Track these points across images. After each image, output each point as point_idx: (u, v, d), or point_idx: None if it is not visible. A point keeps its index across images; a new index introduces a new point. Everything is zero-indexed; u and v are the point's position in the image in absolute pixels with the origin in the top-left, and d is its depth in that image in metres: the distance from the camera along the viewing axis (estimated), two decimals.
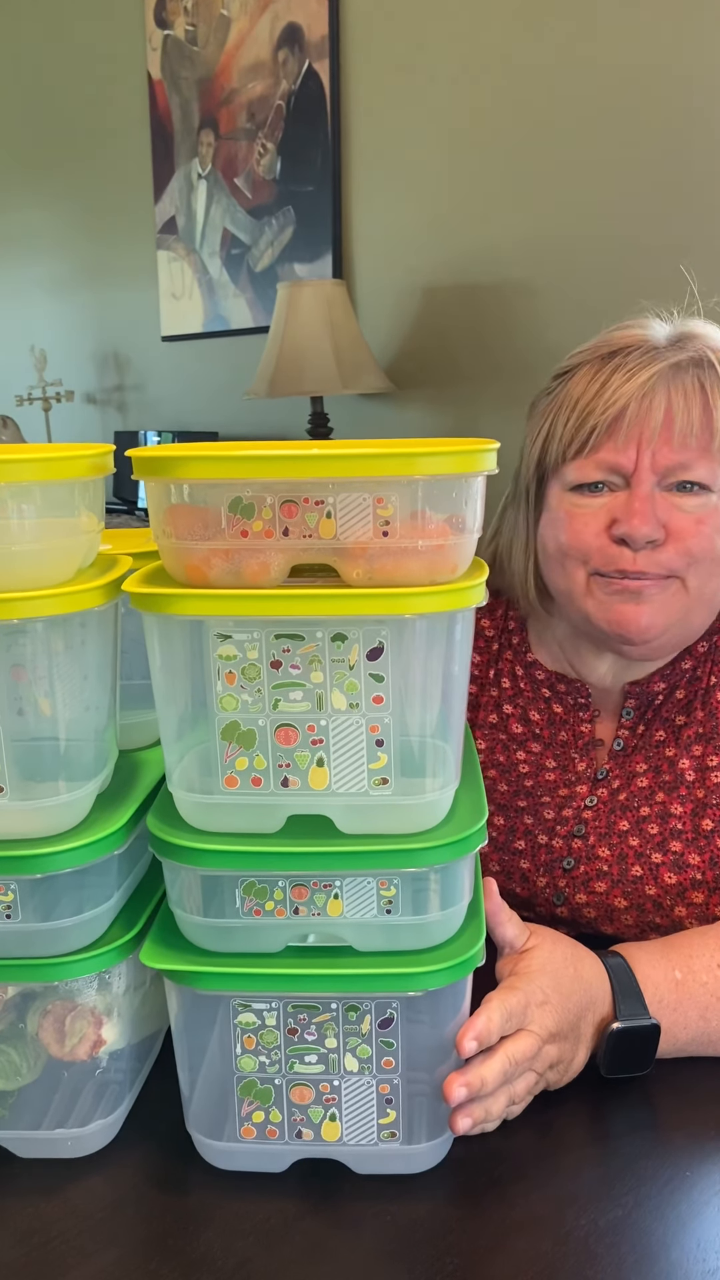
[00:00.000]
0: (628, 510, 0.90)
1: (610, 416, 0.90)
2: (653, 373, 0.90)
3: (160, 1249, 0.64)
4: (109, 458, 0.69)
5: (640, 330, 0.95)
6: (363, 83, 2.68)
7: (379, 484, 0.60)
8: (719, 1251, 0.63)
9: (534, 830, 1.01)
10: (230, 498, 0.61)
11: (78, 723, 0.70)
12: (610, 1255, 0.63)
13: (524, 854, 1.01)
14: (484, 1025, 0.68)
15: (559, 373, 0.98)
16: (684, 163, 2.12)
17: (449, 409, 2.65)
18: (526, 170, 2.38)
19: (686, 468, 0.90)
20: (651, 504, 0.89)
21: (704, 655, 1.00)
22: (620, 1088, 0.77)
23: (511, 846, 1.02)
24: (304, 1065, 0.69)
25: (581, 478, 0.93)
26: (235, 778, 0.66)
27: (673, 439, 0.89)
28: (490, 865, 1.02)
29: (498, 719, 1.06)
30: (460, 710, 0.69)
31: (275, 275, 2.98)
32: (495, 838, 1.02)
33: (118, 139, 3.39)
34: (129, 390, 3.58)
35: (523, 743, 1.04)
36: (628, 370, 0.91)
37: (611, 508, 0.92)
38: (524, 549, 1.01)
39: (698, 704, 0.99)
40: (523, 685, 1.06)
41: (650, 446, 0.90)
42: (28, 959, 0.69)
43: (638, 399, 0.90)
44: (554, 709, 1.04)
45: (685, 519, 0.90)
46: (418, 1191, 0.69)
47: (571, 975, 0.76)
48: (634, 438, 0.90)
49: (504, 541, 1.04)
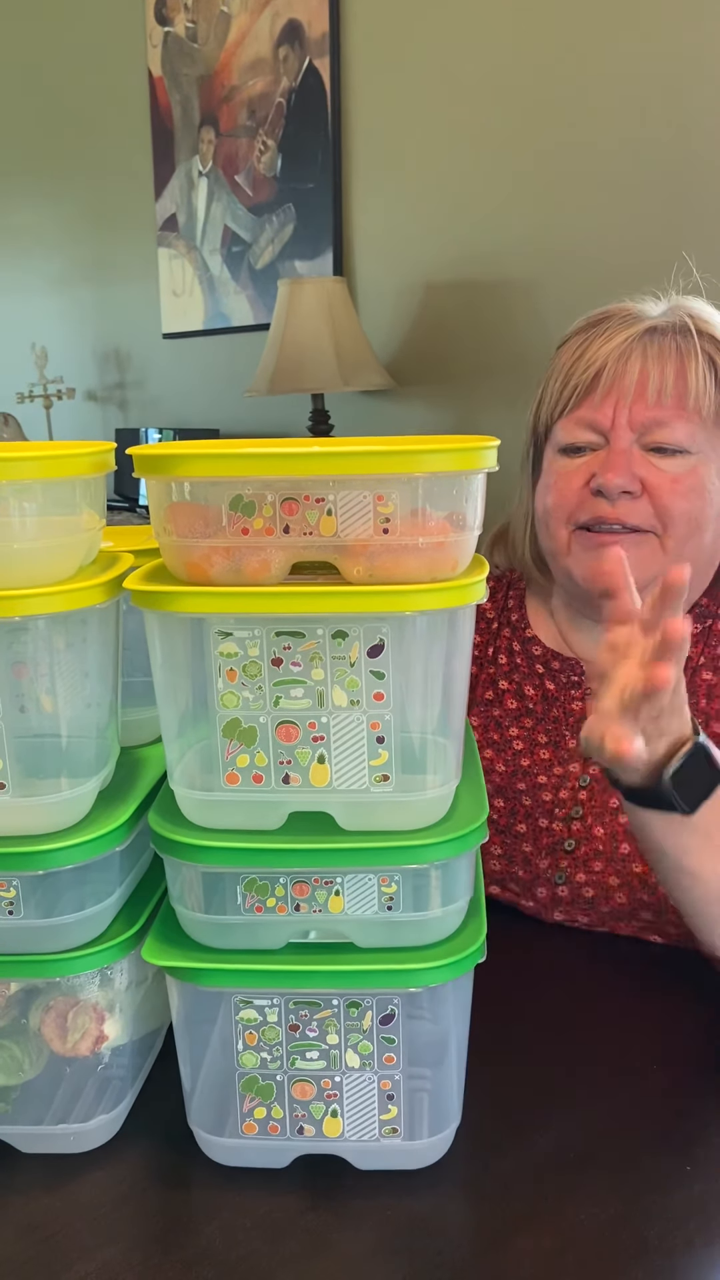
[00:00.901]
0: (605, 464, 0.95)
1: (589, 376, 0.96)
2: (630, 334, 0.96)
3: (163, 1244, 0.65)
4: (110, 455, 0.69)
5: (631, 303, 1.01)
6: (364, 80, 2.68)
7: (379, 482, 0.60)
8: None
9: (534, 813, 1.02)
10: (231, 495, 0.61)
11: (79, 719, 0.70)
12: (611, 1252, 0.63)
13: (526, 838, 1.02)
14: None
15: (557, 346, 1.04)
16: (686, 160, 2.12)
17: (450, 406, 2.65)
18: (528, 167, 2.37)
19: (662, 424, 0.94)
20: (627, 458, 0.94)
21: (696, 637, 1.01)
22: (619, 1081, 0.78)
23: (514, 830, 1.03)
24: (305, 1061, 0.69)
25: (567, 438, 0.98)
26: (236, 775, 0.66)
27: (647, 396, 0.94)
28: (493, 850, 1.03)
29: (493, 695, 1.08)
30: (461, 707, 0.69)
31: (276, 272, 2.98)
32: (497, 821, 1.03)
33: (118, 136, 3.38)
34: (130, 387, 3.58)
35: (516, 718, 1.06)
36: (608, 334, 0.97)
37: (591, 464, 0.97)
38: (524, 517, 1.08)
39: (684, 682, 1.00)
40: (519, 660, 1.09)
41: (626, 403, 0.95)
42: (30, 955, 0.69)
43: (614, 359, 0.95)
44: (547, 686, 1.07)
45: (662, 476, 0.94)
46: (419, 1187, 0.69)
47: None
48: (611, 396, 0.96)
49: (512, 515, 1.11)
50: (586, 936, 1.00)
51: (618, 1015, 0.87)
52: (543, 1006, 0.88)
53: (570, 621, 1.07)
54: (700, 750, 0.74)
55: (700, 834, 0.77)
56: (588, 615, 1.04)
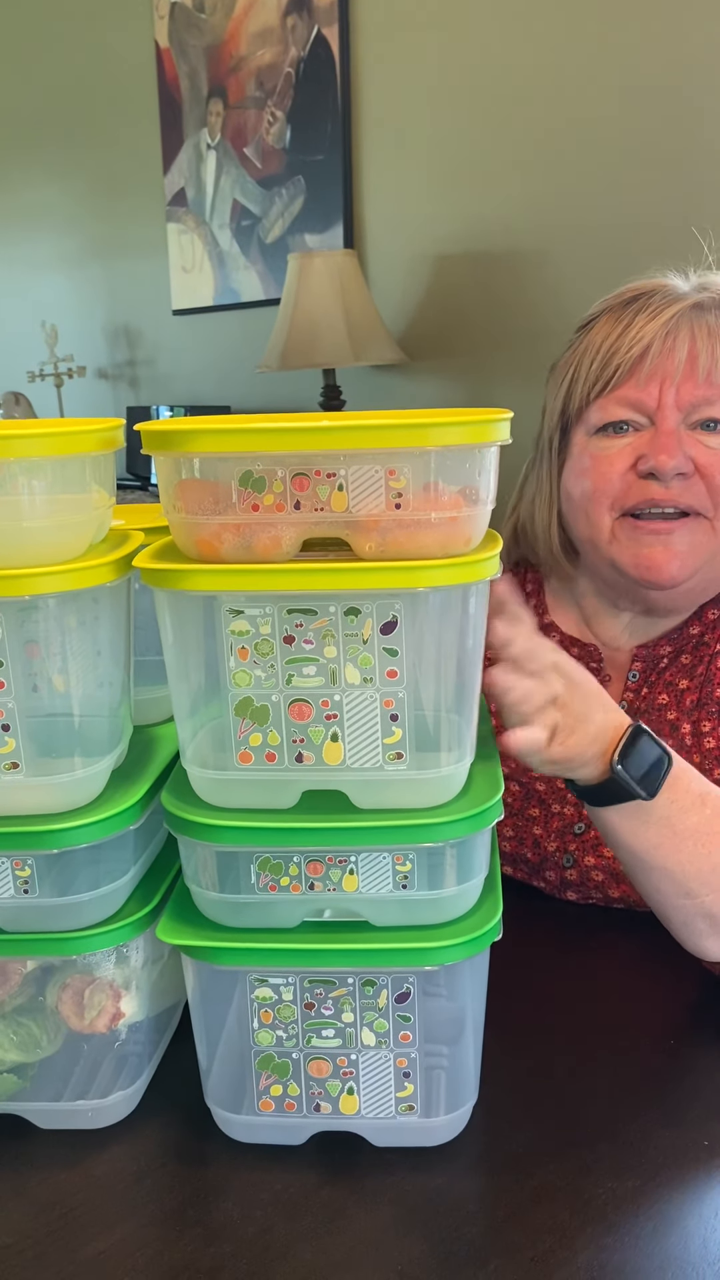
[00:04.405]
0: (654, 445, 0.91)
1: (634, 355, 0.92)
2: (675, 310, 0.92)
3: (180, 1218, 0.65)
4: (119, 432, 0.68)
5: (661, 279, 0.97)
6: (372, 49, 2.64)
7: (391, 455, 0.60)
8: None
9: (547, 798, 1.02)
10: (241, 471, 0.60)
11: (92, 699, 0.70)
12: (628, 1224, 0.63)
13: (537, 820, 1.02)
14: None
15: (581, 325, 1.00)
16: (697, 128, 2.08)
17: (463, 379, 2.63)
18: (539, 136, 2.34)
19: (710, 403, 0.91)
20: (677, 438, 0.91)
21: (713, 622, 1.00)
22: (637, 1057, 0.78)
23: (526, 813, 1.02)
24: (321, 1039, 0.69)
25: (605, 418, 0.94)
26: (249, 754, 0.66)
27: (696, 375, 0.90)
28: (504, 830, 1.03)
29: None
30: (475, 684, 0.68)
31: (286, 246, 2.95)
32: (510, 804, 1.03)
33: (126, 110, 3.35)
34: (140, 365, 3.57)
35: None
36: (651, 310, 0.93)
37: (636, 446, 0.93)
38: (547, 504, 1.02)
39: (701, 669, 0.99)
40: None
41: (674, 383, 0.91)
42: (46, 933, 0.70)
43: (661, 337, 0.91)
44: None
45: (712, 455, 0.91)
46: (435, 1163, 0.69)
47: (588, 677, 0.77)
48: (657, 375, 0.91)
49: (525, 509, 1.05)
50: (602, 913, 1.00)
51: (634, 992, 0.87)
52: (559, 982, 0.88)
53: (597, 606, 1.04)
54: (639, 731, 0.75)
55: (665, 826, 0.76)
56: (620, 605, 1.01)
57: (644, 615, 1.01)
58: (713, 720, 0.97)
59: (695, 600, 0.99)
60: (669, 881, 0.77)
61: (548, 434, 1.01)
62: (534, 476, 1.04)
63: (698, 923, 0.79)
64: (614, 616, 1.02)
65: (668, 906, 0.79)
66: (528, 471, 1.05)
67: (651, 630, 1.01)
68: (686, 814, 0.76)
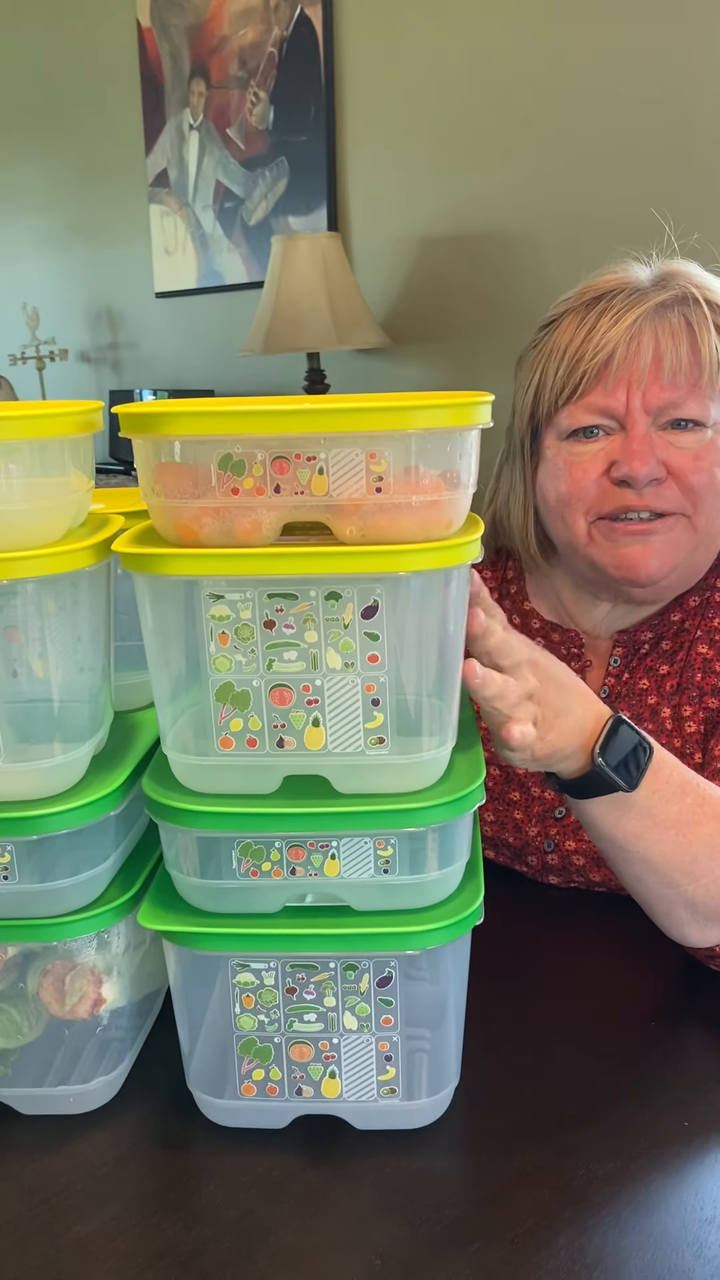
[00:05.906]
0: (626, 452, 0.90)
1: (600, 361, 0.91)
2: (639, 314, 0.91)
3: (163, 1202, 0.65)
4: (98, 415, 0.67)
5: (622, 274, 0.96)
6: (356, 28, 2.62)
7: (371, 439, 0.59)
8: (715, 1200, 0.64)
9: (527, 782, 1.02)
10: (220, 454, 0.60)
11: (72, 684, 0.70)
12: (608, 1204, 0.64)
13: (518, 804, 1.02)
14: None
15: (544, 323, 0.98)
16: (685, 111, 2.07)
17: (447, 363, 2.62)
18: (524, 119, 2.32)
19: (678, 405, 0.90)
20: (649, 443, 0.90)
21: (694, 609, 1.00)
22: (617, 1039, 0.78)
23: (507, 797, 1.03)
24: (303, 1024, 0.69)
25: (574, 423, 0.93)
26: (230, 739, 0.65)
27: (662, 378, 0.90)
28: (485, 815, 1.03)
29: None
30: (457, 668, 0.68)
31: (269, 228, 2.93)
32: (491, 788, 1.03)
33: (107, 90, 3.31)
34: (123, 348, 3.54)
35: None
36: (614, 314, 0.92)
37: (609, 452, 0.92)
38: (522, 504, 1.02)
39: (681, 654, 0.99)
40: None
41: (640, 387, 0.90)
42: (26, 919, 0.69)
43: (625, 341, 0.90)
44: None
45: (683, 455, 0.91)
46: (417, 1146, 0.69)
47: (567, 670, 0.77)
48: (623, 380, 0.91)
49: (501, 501, 1.05)
50: (584, 896, 1.00)
51: (615, 974, 0.87)
52: (541, 966, 0.88)
53: (576, 597, 1.04)
54: (619, 722, 0.75)
55: (646, 816, 0.76)
56: (601, 597, 1.01)
57: (624, 604, 1.01)
58: (693, 705, 0.98)
59: (675, 591, 0.99)
60: (651, 871, 0.78)
61: (519, 435, 1.00)
62: (508, 473, 1.03)
63: (680, 911, 0.79)
64: (594, 606, 1.02)
65: (650, 896, 0.80)
66: (501, 464, 1.04)
67: (632, 617, 1.02)
68: (668, 803, 0.76)
